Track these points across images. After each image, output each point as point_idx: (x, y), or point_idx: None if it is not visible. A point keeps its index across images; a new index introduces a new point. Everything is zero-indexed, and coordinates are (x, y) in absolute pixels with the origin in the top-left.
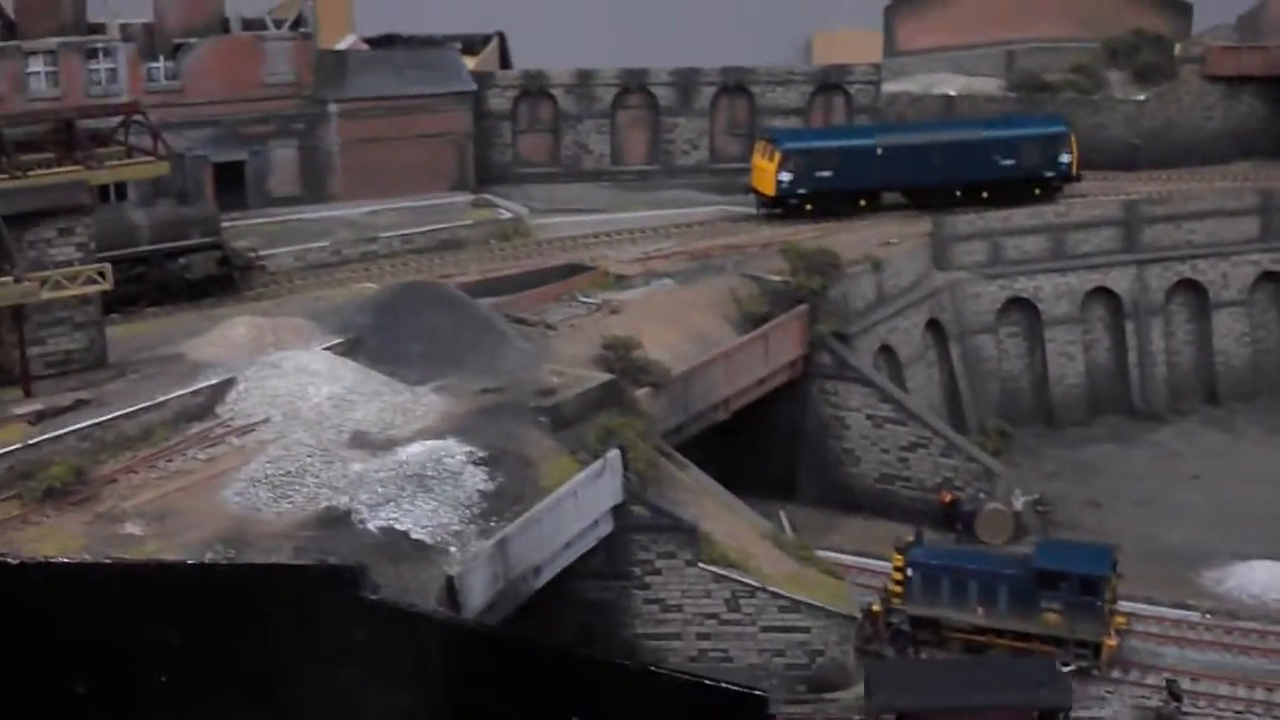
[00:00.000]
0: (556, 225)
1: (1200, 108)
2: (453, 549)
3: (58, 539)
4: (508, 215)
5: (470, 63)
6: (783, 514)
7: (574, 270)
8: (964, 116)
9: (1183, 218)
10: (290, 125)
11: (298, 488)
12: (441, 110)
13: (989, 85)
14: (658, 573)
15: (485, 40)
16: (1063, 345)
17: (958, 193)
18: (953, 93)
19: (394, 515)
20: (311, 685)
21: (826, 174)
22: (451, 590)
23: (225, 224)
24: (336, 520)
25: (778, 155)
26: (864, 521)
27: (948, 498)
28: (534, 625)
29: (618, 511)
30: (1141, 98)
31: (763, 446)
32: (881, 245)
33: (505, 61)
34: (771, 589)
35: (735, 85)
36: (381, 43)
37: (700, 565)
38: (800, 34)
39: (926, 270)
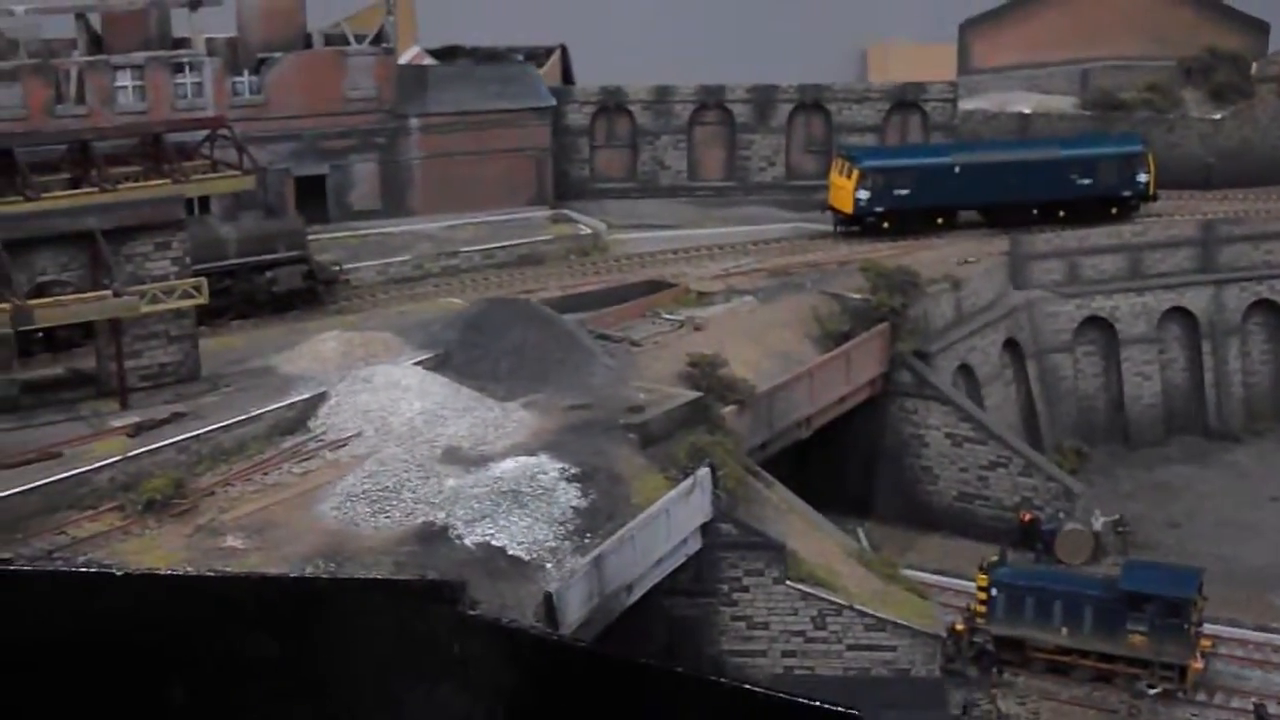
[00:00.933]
0: (634, 241)
1: (1277, 126)
2: (548, 565)
3: (160, 551)
4: (586, 230)
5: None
6: (860, 531)
7: (655, 287)
8: (1040, 135)
9: (1260, 238)
10: (371, 139)
11: (395, 503)
12: (520, 125)
13: (1064, 103)
14: (745, 590)
15: (548, 52)
16: (1139, 365)
17: (1034, 211)
18: (1027, 110)
19: (490, 531)
20: (408, 700)
21: (904, 192)
22: (550, 607)
23: (309, 236)
24: (434, 536)
25: (856, 173)
26: (942, 539)
27: (1027, 517)
28: (621, 641)
29: (706, 529)
30: (1217, 116)
31: (840, 463)
32: (959, 264)
33: (567, 74)
34: (858, 607)
35: (812, 102)
36: (445, 54)
37: (787, 583)
38: (856, 46)
39: (1004, 289)
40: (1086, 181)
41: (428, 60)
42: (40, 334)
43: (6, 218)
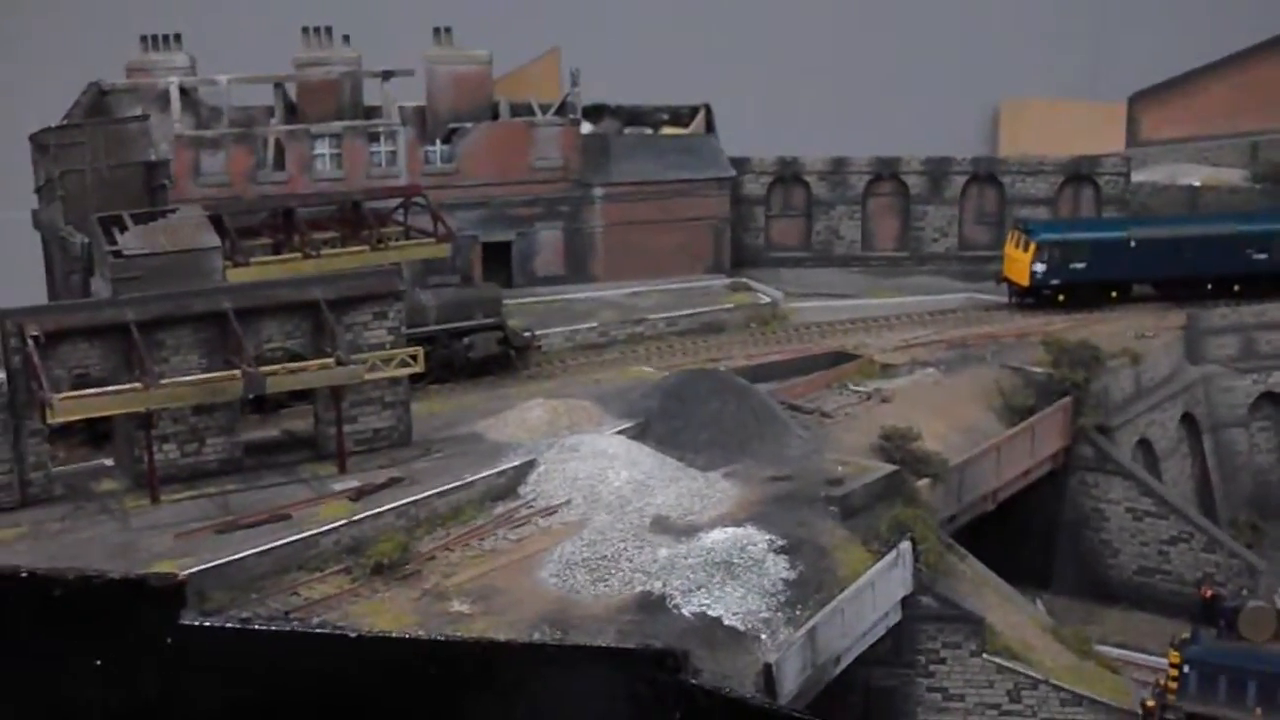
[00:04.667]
0: (811, 310)
1: None
2: (763, 636)
3: (389, 614)
4: (765, 299)
5: (679, 134)
6: (1039, 603)
7: (840, 358)
8: (1210, 208)
9: None
10: (556, 208)
11: (613, 571)
12: (701, 195)
13: (1233, 176)
14: (942, 661)
15: (693, 112)
16: None
17: (1208, 286)
18: (1197, 183)
19: (706, 601)
20: None
21: (1080, 265)
22: (769, 677)
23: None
24: (653, 605)
25: (1032, 246)
26: (1122, 613)
27: (1209, 593)
28: (821, 710)
29: (906, 601)
30: None
31: (1019, 535)
32: (1136, 338)
33: (711, 133)
34: (1054, 682)
35: (985, 174)
36: (591, 113)
37: (984, 656)
38: (989, 102)
39: (1180, 363)
40: (1262, 256)
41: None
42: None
43: (240, 289)
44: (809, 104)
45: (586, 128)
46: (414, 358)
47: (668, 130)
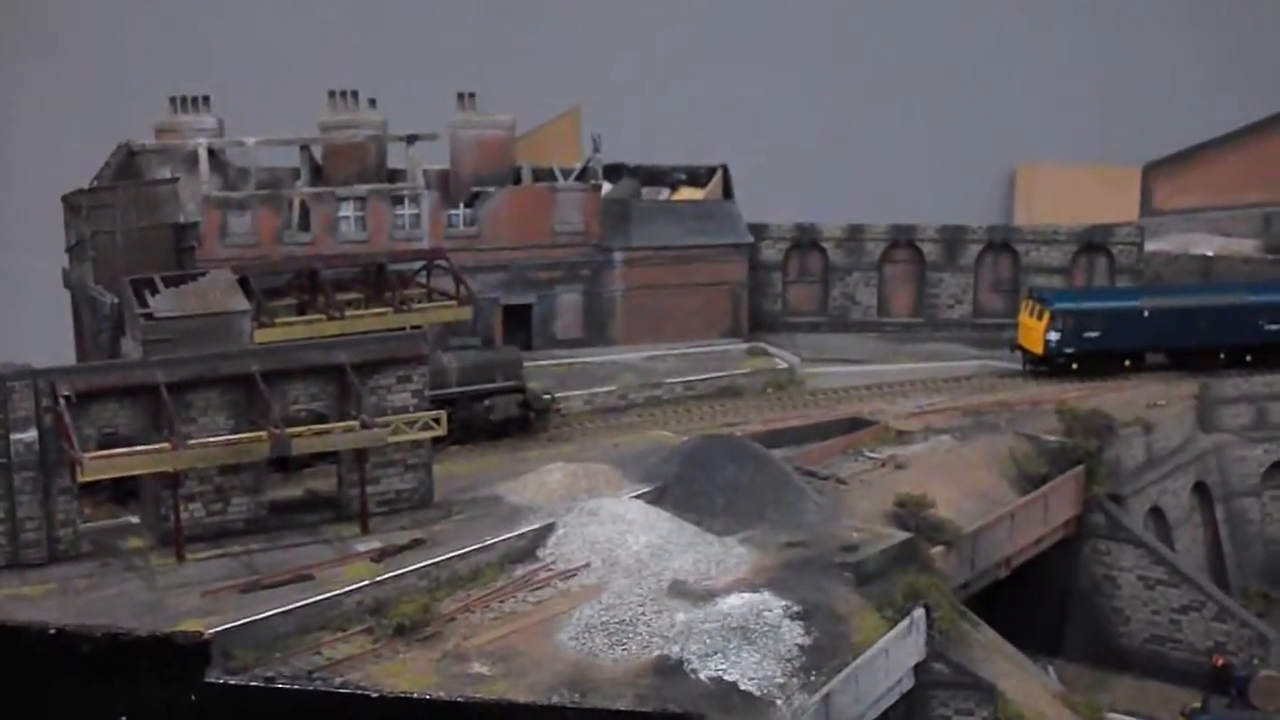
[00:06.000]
0: (827, 375)
1: None
2: (779, 701)
3: (410, 675)
4: (782, 364)
5: (696, 194)
6: (1050, 669)
7: (856, 424)
8: (1222, 277)
9: None
10: (576, 271)
11: (631, 635)
12: (719, 260)
13: (1246, 246)
14: None
15: (710, 172)
16: None
17: (1221, 355)
18: (1210, 253)
19: (723, 666)
20: None
21: (1094, 334)
22: None
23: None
24: (670, 669)
25: (1047, 315)
26: (1133, 681)
27: (1220, 662)
28: None
29: (919, 668)
30: None
31: (1030, 603)
32: (1149, 406)
33: (728, 194)
34: None
35: (1000, 243)
36: (609, 172)
37: None
38: (1006, 166)
39: (1193, 432)
40: (1275, 327)
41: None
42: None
43: (267, 351)
44: (827, 169)
45: (606, 187)
46: (437, 420)
47: (685, 191)
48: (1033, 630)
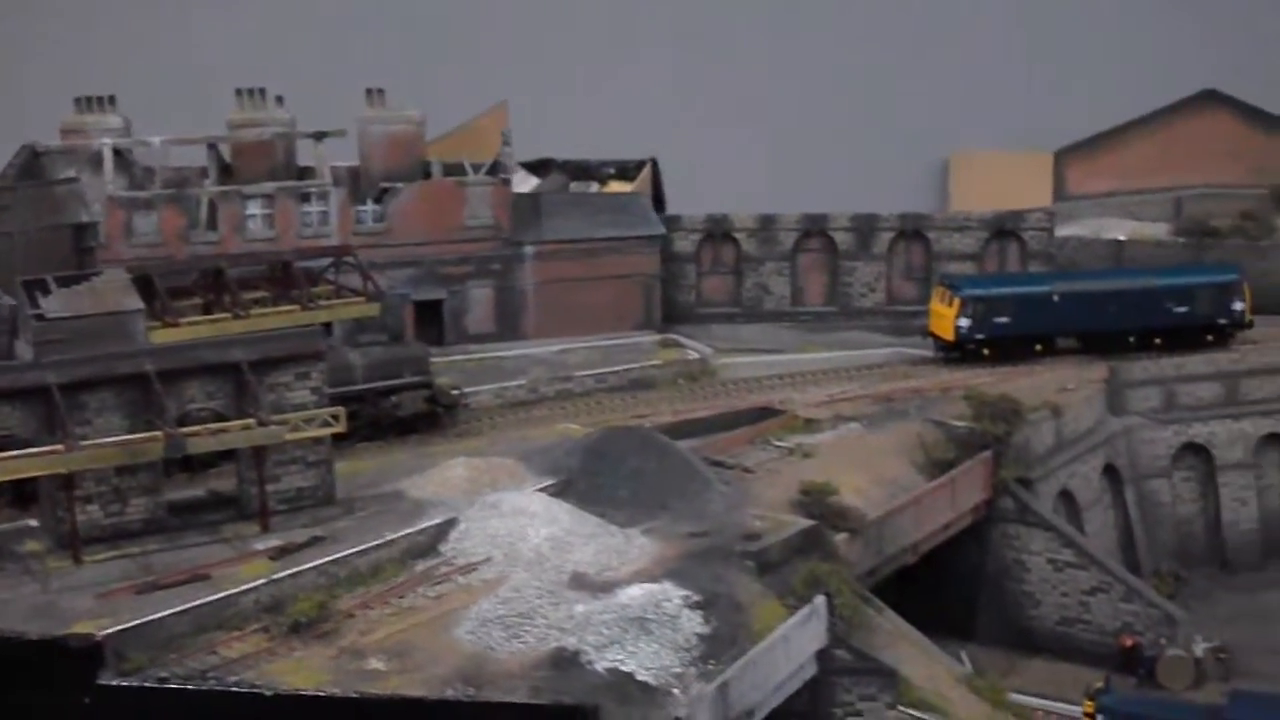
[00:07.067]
0: (739, 365)
1: None
2: (675, 691)
3: (306, 672)
4: (694, 355)
5: (625, 188)
6: (963, 654)
7: (765, 413)
8: (1135, 262)
9: None
10: (487, 266)
11: (528, 628)
12: (631, 252)
13: (1157, 230)
14: (858, 714)
15: (639, 166)
16: (1236, 490)
17: (1131, 339)
18: (1122, 238)
19: (619, 657)
20: None
21: (1004, 320)
22: None
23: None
24: (567, 661)
25: (957, 302)
26: (1044, 663)
27: (1128, 642)
28: None
29: (821, 654)
30: None
31: (941, 588)
32: (1059, 391)
33: (658, 187)
34: None
35: (912, 231)
36: (537, 167)
37: (899, 708)
38: (937, 156)
39: (1103, 416)
40: (1183, 310)
41: (520, 174)
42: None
43: (162, 350)
44: (776, 161)
45: (533, 182)
46: (336, 417)
47: (614, 185)
48: (946, 615)
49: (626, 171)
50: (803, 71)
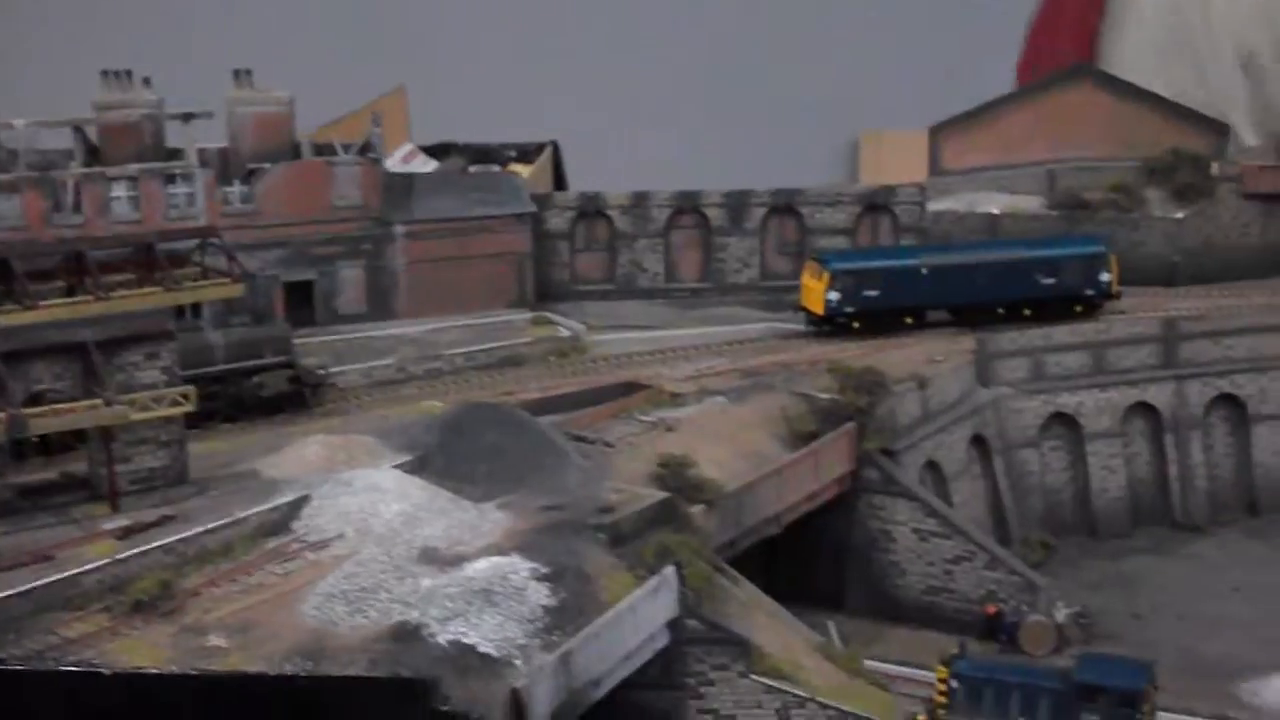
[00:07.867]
0: (612, 342)
1: (1238, 225)
2: (518, 662)
3: (145, 650)
4: (566, 332)
5: (525, 171)
6: (831, 625)
7: (631, 388)
8: (1006, 236)
9: (1221, 334)
10: (358, 246)
11: (372, 603)
12: (502, 231)
13: (1031, 204)
14: (711, 684)
15: (539, 149)
16: (1104, 459)
17: (1000, 311)
18: (996, 211)
19: (462, 629)
20: None
21: (873, 293)
22: (517, 702)
23: (295, 342)
24: (408, 634)
25: (826, 275)
26: (910, 632)
27: (992, 610)
28: None
29: (673, 625)
30: (1180, 216)
31: (810, 559)
32: (927, 363)
33: (559, 170)
34: (820, 700)
35: (785, 206)
36: (438, 151)
37: (752, 677)
38: (847, 136)
39: (971, 387)
40: (1050, 281)
41: (421, 157)
42: (36, 438)
43: (6, 331)
44: (691, 141)
45: (431, 165)
46: (186, 397)
47: (514, 167)
48: (816, 587)
49: (527, 154)
50: (717, 51)
